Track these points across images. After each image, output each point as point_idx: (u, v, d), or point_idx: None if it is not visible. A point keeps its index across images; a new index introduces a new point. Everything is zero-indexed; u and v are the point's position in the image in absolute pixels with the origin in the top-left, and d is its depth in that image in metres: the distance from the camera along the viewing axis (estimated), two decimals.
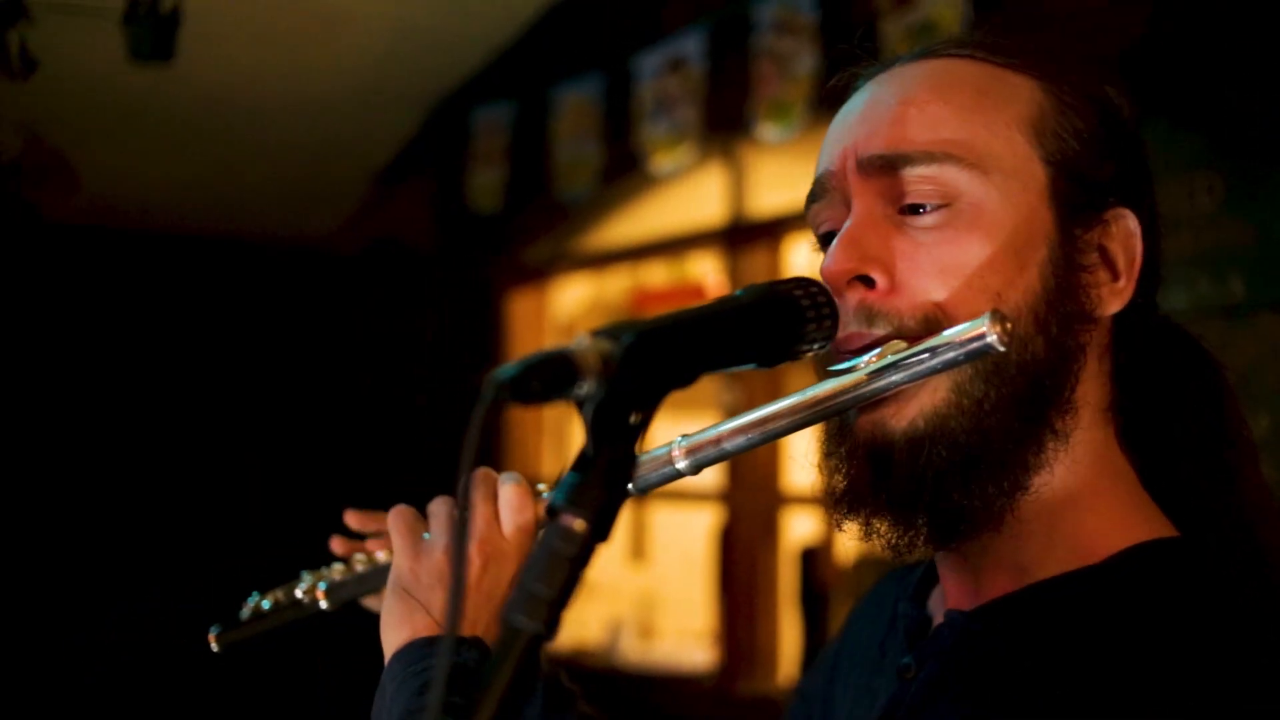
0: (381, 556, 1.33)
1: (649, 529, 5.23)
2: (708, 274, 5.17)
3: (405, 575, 1.18)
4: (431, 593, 1.16)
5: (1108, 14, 2.67)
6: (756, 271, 4.05)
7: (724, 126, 3.77)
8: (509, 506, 1.19)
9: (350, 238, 5.55)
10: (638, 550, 5.28)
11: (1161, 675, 0.88)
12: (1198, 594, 0.96)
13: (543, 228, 4.79)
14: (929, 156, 1.01)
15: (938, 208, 1.01)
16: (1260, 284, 2.50)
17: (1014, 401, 0.99)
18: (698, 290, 5.24)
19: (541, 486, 1.24)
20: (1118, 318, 1.05)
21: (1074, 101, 1.06)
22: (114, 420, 5.17)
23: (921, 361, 0.95)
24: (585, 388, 0.77)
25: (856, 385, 0.98)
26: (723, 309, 0.90)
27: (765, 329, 0.91)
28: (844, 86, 1.18)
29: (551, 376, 0.75)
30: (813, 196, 1.11)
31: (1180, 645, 0.90)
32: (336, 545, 1.40)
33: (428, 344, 5.18)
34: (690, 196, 4.36)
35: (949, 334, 0.94)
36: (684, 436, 1.05)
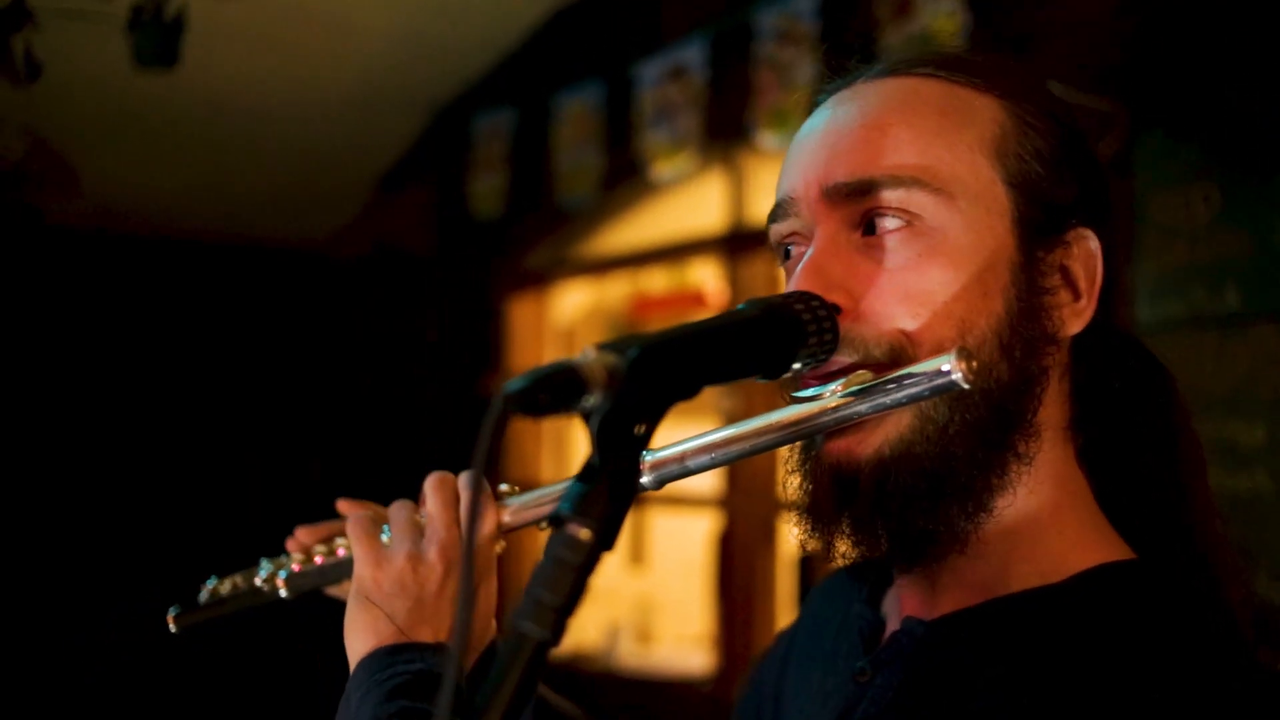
0: (342, 552, 1.34)
1: (648, 534, 5.24)
2: (707, 281, 5.18)
3: (367, 583, 1.18)
4: (394, 601, 1.16)
5: (1104, 26, 2.68)
6: (756, 279, 4.06)
7: (724, 134, 3.79)
8: (471, 514, 1.20)
9: (351, 242, 5.57)
10: (637, 555, 5.29)
11: (1118, 693, 0.89)
12: (1154, 616, 0.97)
13: (543, 234, 4.81)
14: (895, 181, 1.01)
15: (902, 235, 1.01)
16: (1256, 294, 2.51)
17: (978, 427, 0.99)
18: (697, 297, 5.24)
19: (504, 488, 1.24)
20: (1077, 337, 1.06)
21: (1036, 121, 1.06)
22: (115, 423, 5.19)
23: (887, 393, 0.96)
24: (591, 400, 0.79)
25: (822, 413, 0.99)
26: (726, 322, 0.92)
27: (768, 342, 0.93)
28: (796, 107, 1.19)
29: (558, 389, 0.76)
30: (773, 217, 1.11)
31: (1137, 665, 0.91)
32: (302, 535, 1.40)
33: (428, 348, 5.20)
34: (690, 204, 4.38)
35: (915, 369, 0.95)
36: (649, 452, 1.05)
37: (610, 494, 0.79)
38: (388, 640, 1.15)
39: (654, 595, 5.18)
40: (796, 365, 0.96)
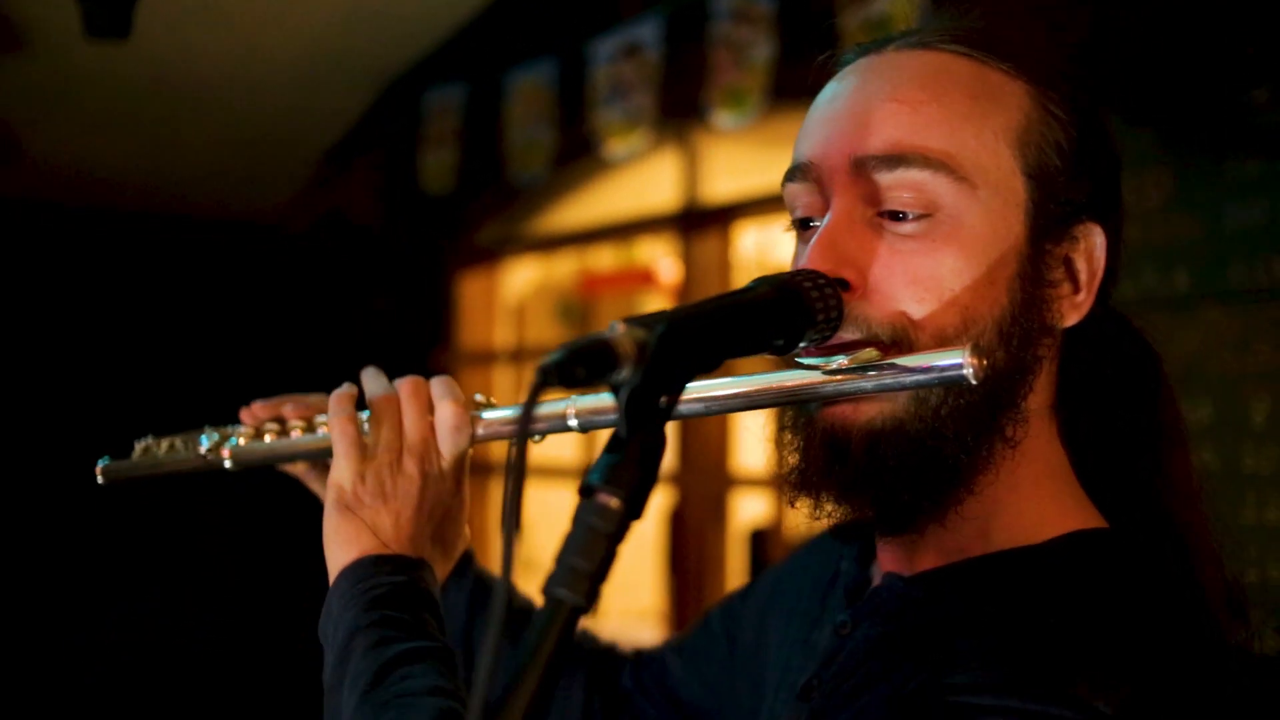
0: (296, 434, 1.36)
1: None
2: (656, 260, 5.21)
3: (347, 492, 1.20)
4: (376, 512, 1.19)
5: (1060, 10, 2.73)
6: (709, 257, 4.09)
7: (679, 113, 3.80)
8: (446, 427, 1.22)
9: (299, 215, 5.52)
10: None
11: (1061, 648, 0.92)
12: (1120, 579, 1.01)
13: (495, 210, 4.81)
14: (924, 160, 1.01)
15: (919, 217, 1.02)
16: (1205, 276, 2.58)
17: (970, 411, 1.02)
18: (646, 275, 5.27)
19: (479, 398, 1.26)
20: (1070, 326, 1.08)
21: (1060, 113, 1.07)
22: (57, 399, 5.11)
23: (895, 375, 0.98)
24: (622, 373, 0.81)
25: (827, 383, 1.01)
26: (742, 299, 0.94)
27: (780, 319, 0.95)
28: (818, 70, 1.18)
29: (593, 362, 0.79)
30: (790, 176, 1.12)
31: (1096, 621, 0.95)
32: (256, 409, 1.42)
33: (377, 323, 5.17)
34: (644, 182, 4.40)
35: (927, 357, 0.97)
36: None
37: (639, 464, 0.81)
38: (370, 550, 1.18)
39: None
40: (803, 341, 0.98)
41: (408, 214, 5.06)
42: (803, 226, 1.13)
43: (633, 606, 5.02)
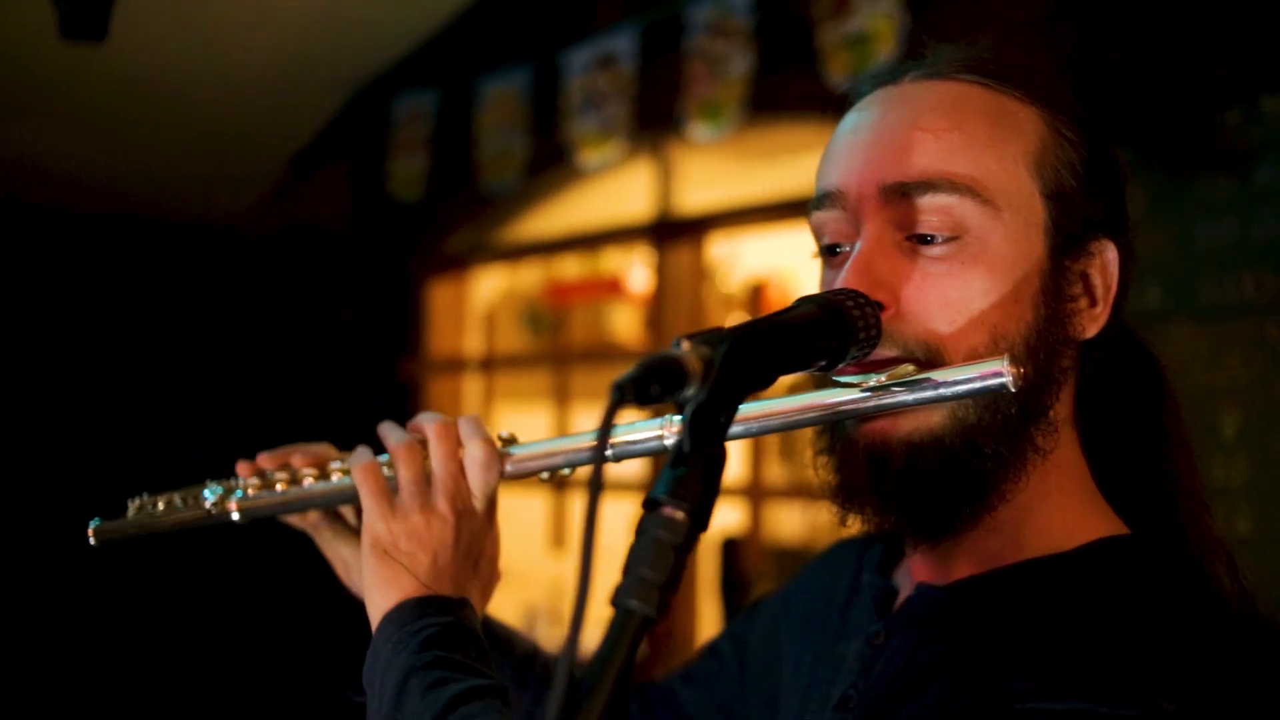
0: (309, 482, 1.34)
1: (569, 517, 5.27)
2: (627, 269, 5.23)
3: (384, 536, 1.20)
4: (414, 555, 1.19)
5: (1042, 31, 2.79)
6: (682, 267, 4.12)
7: (653, 124, 3.83)
8: (477, 463, 1.23)
9: (266, 220, 5.50)
10: (558, 538, 5.32)
11: (1116, 652, 0.96)
12: (1147, 583, 1.05)
13: (465, 218, 4.80)
14: (951, 186, 1.06)
15: (947, 240, 1.07)
16: (1176, 292, 2.64)
17: (1003, 423, 1.06)
18: (614, 285, 5.29)
19: (504, 435, 1.27)
20: (1089, 339, 1.13)
21: (1071, 134, 1.11)
22: (19, 398, 5.06)
23: (935, 388, 1.03)
24: (690, 390, 0.83)
25: (867, 399, 1.05)
26: (793, 319, 0.97)
27: (827, 336, 0.98)
28: (841, 96, 1.22)
29: (667, 380, 0.81)
30: (818, 204, 1.15)
31: (1133, 624, 0.99)
32: (262, 460, 1.40)
33: (345, 329, 5.16)
34: (617, 191, 4.42)
35: (967, 369, 1.02)
36: (677, 417, 1.10)
37: (704, 478, 0.84)
38: (412, 593, 1.18)
39: (569, 578, 5.22)
40: (846, 359, 1.02)
41: (377, 220, 5.05)
42: (830, 253, 1.17)
43: (601, 615, 5.03)
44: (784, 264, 5.35)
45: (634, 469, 4.06)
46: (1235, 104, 2.57)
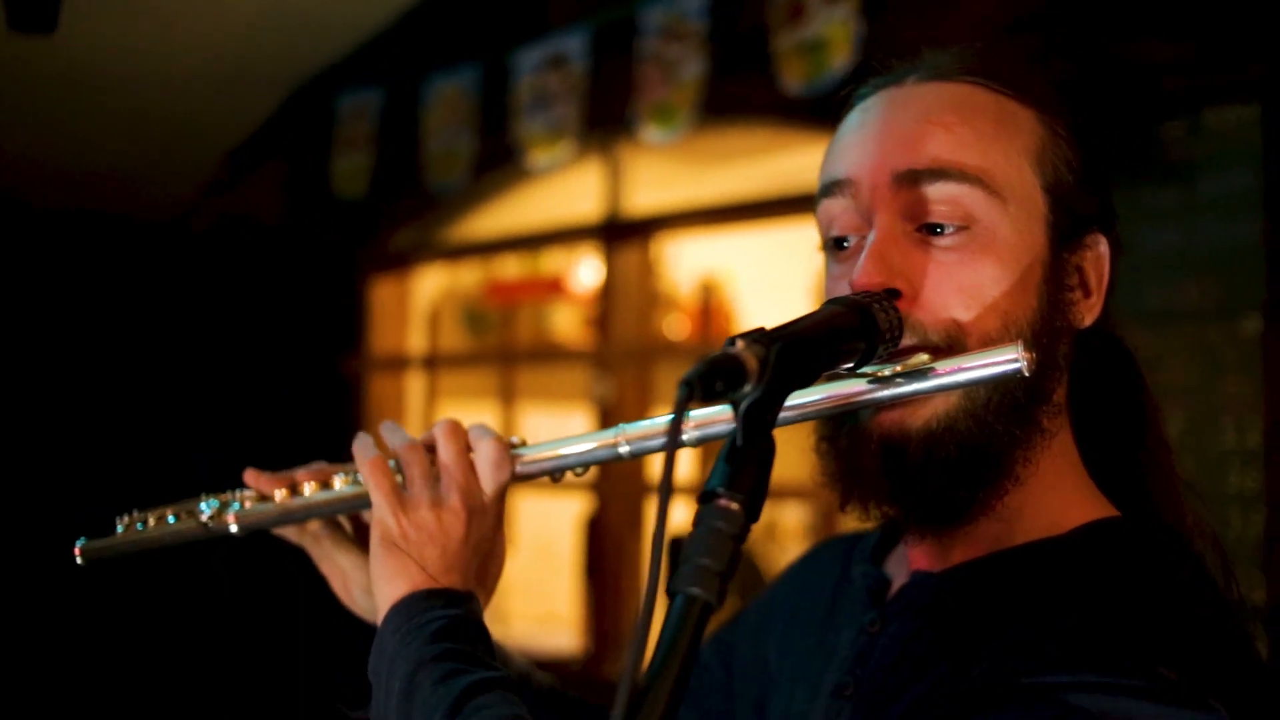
0: (309, 491, 1.34)
1: (515, 516, 5.29)
2: (570, 269, 5.25)
3: (393, 530, 1.21)
4: (424, 548, 1.20)
5: (995, 38, 2.86)
6: (630, 268, 4.16)
7: (603, 125, 3.85)
8: (488, 462, 1.25)
9: (206, 215, 5.44)
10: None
11: (1116, 628, 1.01)
12: (1141, 563, 1.11)
13: (410, 216, 4.79)
14: (962, 175, 1.11)
15: (957, 230, 1.11)
16: (1123, 298, 2.71)
17: (1013, 406, 1.11)
18: (555, 284, 5.32)
19: (515, 439, 1.29)
20: (1083, 328, 1.19)
21: (1066, 135, 1.18)
22: None
23: (950, 375, 1.07)
24: (746, 387, 0.87)
25: (884, 388, 1.09)
26: (831, 320, 1.01)
27: (858, 338, 1.03)
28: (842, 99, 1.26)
29: (730, 377, 0.85)
30: (827, 192, 1.19)
31: (1130, 604, 1.04)
32: (265, 482, 1.38)
33: (284, 326, 5.12)
34: (566, 192, 4.44)
35: (982, 355, 1.06)
36: (693, 410, 1.13)
37: (756, 471, 0.88)
38: (420, 585, 1.19)
39: (510, 576, 5.22)
40: (874, 357, 1.06)
41: (319, 217, 5.02)
42: (837, 246, 1.20)
43: (538, 612, 5.06)
44: (728, 265, 5.42)
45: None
46: (1180, 116, 2.66)
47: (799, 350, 0.93)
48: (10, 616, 4.80)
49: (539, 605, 5.09)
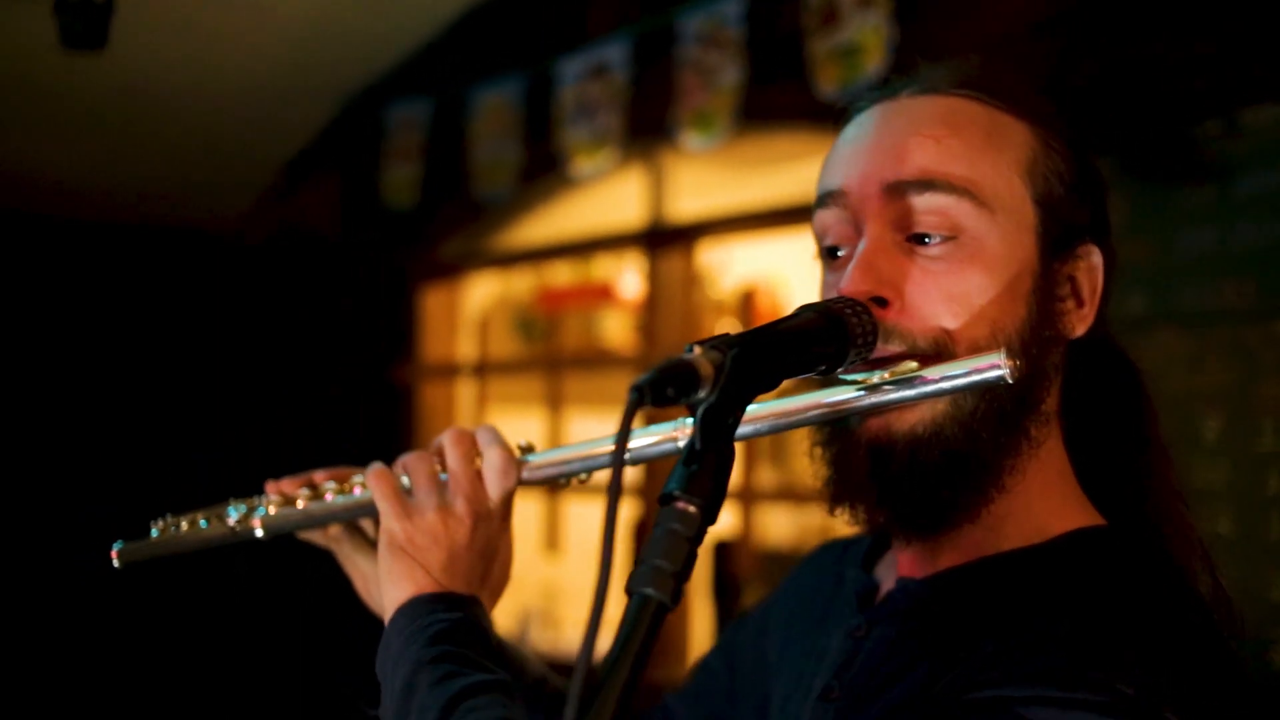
0: (330, 496, 1.37)
1: (562, 521, 5.32)
2: (618, 275, 5.28)
3: (399, 534, 1.24)
4: (428, 552, 1.23)
5: (1025, 45, 2.85)
6: (674, 274, 4.18)
7: (645, 132, 3.88)
8: (494, 468, 1.28)
9: (259, 228, 5.54)
10: (551, 541, 5.37)
11: (1081, 639, 1.01)
12: (1124, 573, 1.11)
13: (458, 225, 4.85)
14: (949, 187, 1.13)
15: (945, 240, 1.13)
16: (1160, 299, 2.70)
17: (1000, 413, 1.12)
18: (605, 291, 5.34)
19: (522, 444, 1.31)
20: (1075, 338, 1.20)
21: (1059, 148, 1.19)
22: (13, 407, 5.09)
23: (935, 382, 1.09)
24: (701, 393, 0.89)
25: (872, 395, 1.11)
26: (796, 326, 1.03)
27: (828, 344, 1.04)
28: (840, 110, 1.28)
29: (682, 383, 0.87)
30: (821, 203, 1.22)
31: (1111, 613, 1.04)
32: (282, 485, 1.42)
33: (337, 336, 5.20)
34: (609, 199, 4.47)
35: (966, 363, 1.07)
36: (687, 419, 1.15)
37: (714, 475, 0.90)
38: (426, 589, 1.22)
39: (562, 581, 5.27)
40: (846, 362, 1.07)
41: (370, 228, 5.10)
42: (831, 255, 1.23)
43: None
44: (774, 271, 5.42)
45: (625, 473, 4.10)
46: (1215, 116, 2.63)
47: (757, 355, 0.95)
48: (46, 616, 4.91)
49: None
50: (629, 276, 5.23)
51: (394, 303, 5.04)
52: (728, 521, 4.41)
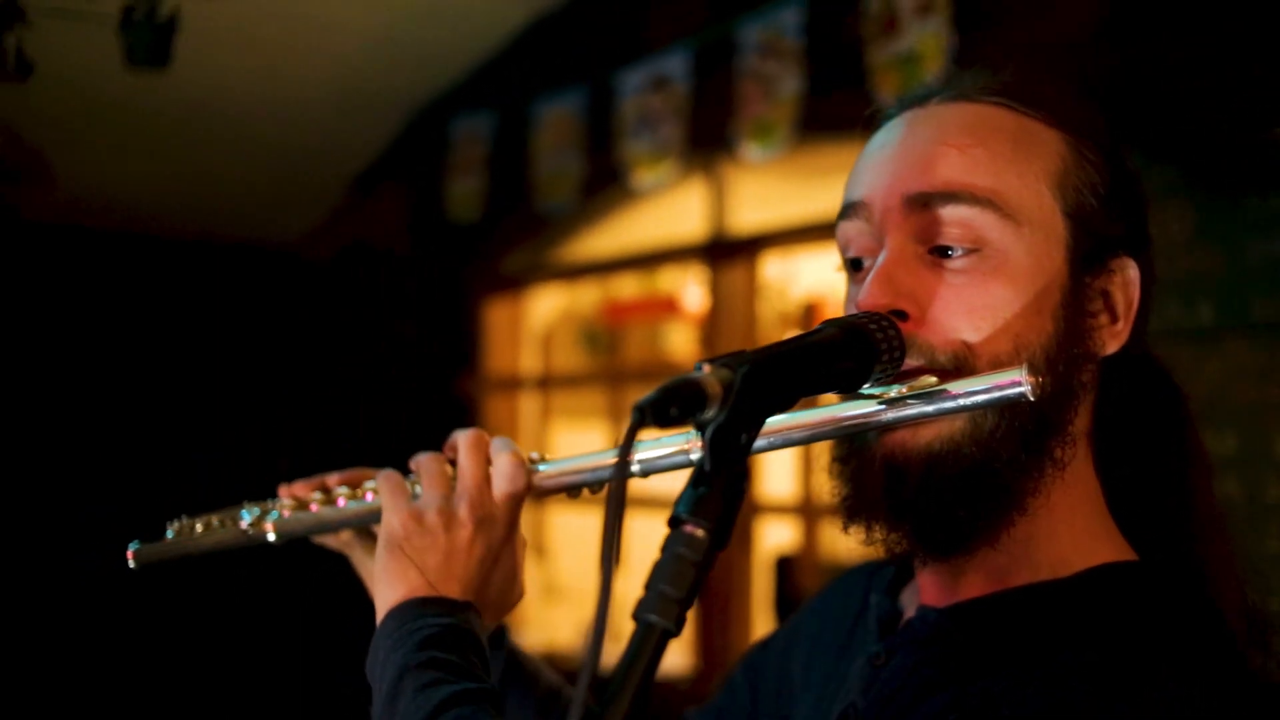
0: (343, 502, 1.37)
1: (624, 535, 5.30)
2: (683, 288, 5.26)
3: (398, 533, 1.22)
4: (426, 552, 1.21)
5: (1087, 48, 2.79)
6: (736, 286, 4.15)
7: (706, 144, 3.86)
8: (502, 474, 1.25)
9: (326, 242, 5.60)
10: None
11: (1101, 679, 0.97)
12: (1147, 614, 1.06)
13: (521, 237, 4.86)
14: (972, 199, 1.09)
15: (968, 252, 1.09)
16: (1228, 308, 2.63)
17: (1021, 433, 1.08)
18: (670, 304, 5.32)
19: (535, 455, 1.30)
20: (1107, 355, 1.15)
21: (1093, 157, 1.14)
22: (85, 420, 5.17)
23: (954, 398, 1.05)
24: (710, 412, 0.87)
25: (890, 410, 1.08)
26: (814, 341, 1.00)
27: (849, 360, 1.01)
28: (870, 117, 1.25)
29: (686, 402, 0.84)
30: (844, 215, 1.18)
31: (1127, 657, 1.00)
32: (296, 488, 1.43)
33: (403, 349, 5.24)
34: (671, 211, 4.45)
35: (986, 379, 1.04)
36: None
37: (724, 496, 0.87)
38: (418, 591, 1.20)
39: (625, 595, 5.24)
40: (871, 378, 1.04)
41: (434, 241, 5.13)
42: (855, 267, 1.20)
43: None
44: (837, 282, 5.35)
45: (669, 484, 4.09)
46: None
47: (771, 373, 0.92)
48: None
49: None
50: (692, 289, 5.21)
51: (458, 316, 5.06)
52: (789, 536, 4.36)
